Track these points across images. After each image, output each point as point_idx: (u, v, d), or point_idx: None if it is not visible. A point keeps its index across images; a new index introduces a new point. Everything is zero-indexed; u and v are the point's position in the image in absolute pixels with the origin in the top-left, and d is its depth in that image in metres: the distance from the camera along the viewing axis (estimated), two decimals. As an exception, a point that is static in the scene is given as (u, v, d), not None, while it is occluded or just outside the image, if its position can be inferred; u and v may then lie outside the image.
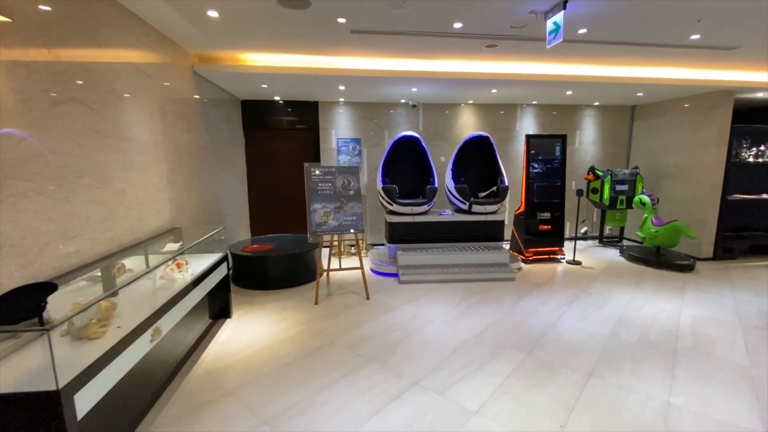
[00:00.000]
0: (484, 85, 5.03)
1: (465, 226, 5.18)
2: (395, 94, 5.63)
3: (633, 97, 5.98)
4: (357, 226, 4.25)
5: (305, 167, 4.22)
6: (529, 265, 5.54)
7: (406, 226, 5.08)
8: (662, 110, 6.37)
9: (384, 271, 4.98)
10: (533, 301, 4.12)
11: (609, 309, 3.92)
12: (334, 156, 6.28)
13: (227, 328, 3.52)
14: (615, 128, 7.00)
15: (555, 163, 5.66)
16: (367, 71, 4.44)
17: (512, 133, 6.71)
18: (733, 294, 4.34)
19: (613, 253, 6.18)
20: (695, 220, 5.79)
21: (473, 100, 6.20)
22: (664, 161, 6.36)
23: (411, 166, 5.59)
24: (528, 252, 5.61)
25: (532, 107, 6.68)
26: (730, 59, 4.44)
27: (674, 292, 4.42)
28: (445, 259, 4.91)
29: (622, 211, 6.44)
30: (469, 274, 4.75)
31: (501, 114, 6.62)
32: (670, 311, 3.86)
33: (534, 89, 5.32)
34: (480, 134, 5.43)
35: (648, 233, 5.60)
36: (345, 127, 6.25)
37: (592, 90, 5.41)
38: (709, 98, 5.54)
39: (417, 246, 5.11)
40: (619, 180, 6.22)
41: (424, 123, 6.44)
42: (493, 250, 5.02)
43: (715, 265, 5.52)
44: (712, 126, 5.55)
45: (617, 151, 7.10)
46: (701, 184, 5.73)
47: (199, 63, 4.30)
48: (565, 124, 6.81)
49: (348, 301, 4.14)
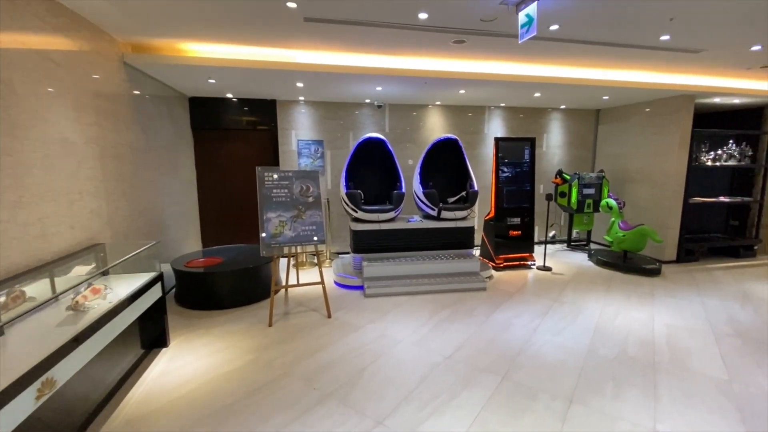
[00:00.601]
0: (452, 85, 4.79)
1: (434, 234, 4.90)
2: (359, 93, 5.29)
3: (599, 100, 5.96)
4: (317, 236, 3.85)
5: (257, 171, 3.78)
6: (500, 272, 5.35)
7: (372, 234, 4.73)
8: (626, 114, 6.41)
9: (348, 283, 4.60)
10: (507, 314, 3.88)
11: (583, 320, 3.75)
12: (294, 158, 5.83)
13: (162, 360, 3.02)
14: (581, 132, 7.00)
15: (524, 166, 5.51)
16: (327, 66, 4.07)
17: (480, 136, 6.54)
18: (701, 299, 4.31)
19: (581, 258, 6.12)
20: (659, 224, 5.83)
21: (441, 101, 5.96)
22: (628, 165, 6.40)
23: (377, 169, 5.26)
24: (498, 259, 5.42)
25: (500, 110, 6.54)
26: (693, 63, 4.43)
27: (645, 298, 4.34)
28: (413, 270, 4.60)
29: (589, 215, 6.42)
30: (439, 285, 4.46)
31: (469, 116, 6.43)
32: (643, 320, 3.74)
33: (503, 90, 5.14)
34: (448, 137, 5.19)
35: (615, 237, 5.57)
36: (306, 128, 5.83)
37: (560, 92, 5.31)
38: (671, 103, 5.59)
39: (384, 255, 4.78)
40: (586, 184, 6.18)
41: (391, 124, 6.13)
42: (463, 258, 4.77)
43: (678, 268, 5.56)
44: (674, 130, 5.60)
45: (583, 155, 7.11)
46: (664, 188, 5.78)
47: (132, 52, 3.76)
48: (532, 127, 6.73)
49: (307, 320, 3.73)
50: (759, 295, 4.43)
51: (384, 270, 4.54)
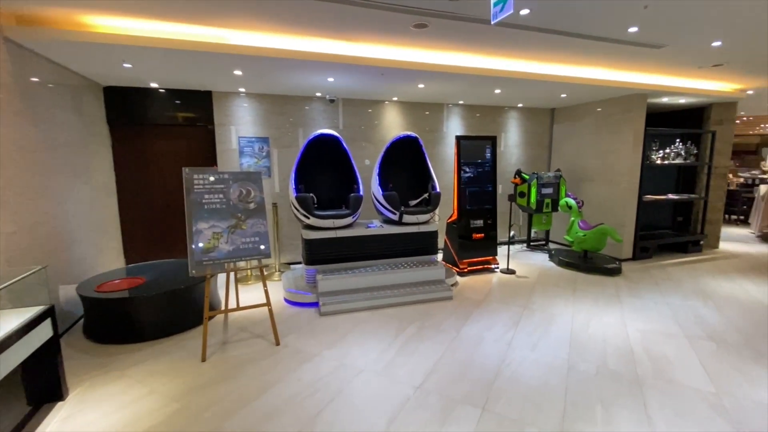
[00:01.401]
0: (411, 77, 4.40)
1: (396, 240, 4.48)
2: (309, 85, 4.74)
3: (557, 98, 5.88)
4: (260, 249, 3.27)
5: (184, 174, 3.13)
6: (465, 277, 5.05)
7: (327, 243, 4.21)
8: (580, 114, 6.41)
9: (301, 300, 4.05)
10: (477, 326, 3.55)
11: (557, 329, 3.51)
12: (235, 158, 5.15)
13: (55, 420, 2.31)
14: (537, 131, 6.95)
15: (486, 166, 5.27)
16: (269, 50, 3.50)
17: (440, 135, 6.24)
18: (664, 299, 4.27)
19: (542, 258, 6.01)
20: (615, 222, 5.85)
21: (398, 96, 5.57)
22: (583, 164, 6.41)
23: (331, 170, 4.74)
24: (462, 264, 5.12)
25: (458, 108, 6.28)
26: (650, 60, 4.39)
27: (611, 300, 4.22)
28: (374, 281, 4.15)
29: (548, 215, 6.34)
30: (402, 297, 4.05)
31: (427, 114, 6.10)
32: (616, 326, 3.57)
33: (463, 85, 4.84)
34: (408, 134, 4.80)
35: (576, 237, 5.49)
36: (248, 124, 5.17)
37: (520, 88, 5.12)
38: (625, 101, 5.62)
39: (341, 266, 4.27)
40: (544, 183, 6.08)
41: (345, 121, 5.64)
42: (427, 265, 4.39)
43: (636, 265, 5.60)
44: (627, 129, 5.63)
45: (540, 154, 7.06)
46: (619, 186, 5.81)
47: (16, 25, 2.96)
48: (490, 126, 6.55)
49: (250, 350, 3.14)
50: (716, 291, 4.49)
51: (341, 283, 4.04)
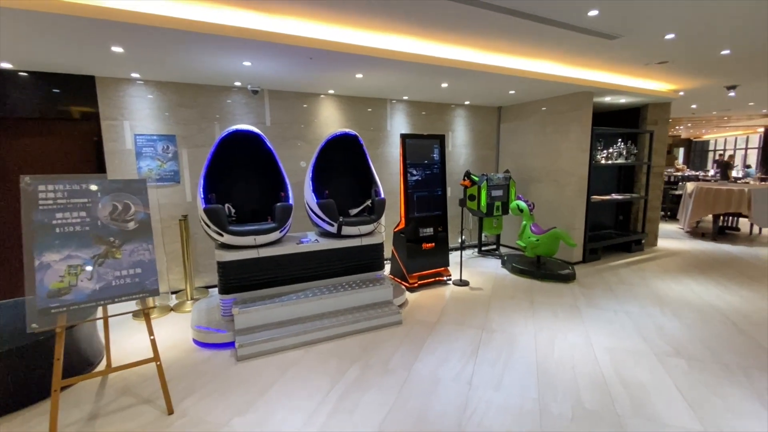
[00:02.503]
0: (347, 64, 3.74)
1: (334, 256, 3.79)
2: (222, 71, 3.89)
3: (504, 95, 5.55)
4: (144, 285, 2.41)
5: (22, 185, 2.19)
6: (416, 293, 4.50)
7: (248, 265, 3.41)
8: (527, 112, 6.18)
9: (214, 340, 3.21)
10: (432, 360, 2.98)
11: (520, 357, 3.04)
12: (130, 160, 4.14)
13: None
14: (485, 130, 6.63)
15: (434, 168, 4.76)
16: (156, 18, 2.64)
17: (383, 134, 5.65)
18: (622, 307, 4.02)
19: (495, 265, 5.66)
20: (565, 225, 5.66)
21: (336, 89, 4.87)
22: (531, 164, 6.18)
23: (253, 175, 3.92)
24: (412, 277, 4.56)
25: (402, 104, 5.74)
26: (597, 55, 4.14)
27: (571, 312, 3.88)
28: (308, 309, 3.43)
29: (499, 218, 6.03)
30: (343, 326, 3.37)
31: (369, 111, 5.48)
32: (582, 347, 3.19)
33: (407, 76, 4.28)
34: (346, 132, 4.12)
35: (529, 242, 5.18)
36: (148, 119, 4.18)
37: (467, 82, 4.67)
38: (572, 100, 5.43)
39: (266, 293, 3.49)
40: (494, 185, 5.74)
41: (274, 116, 4.83)
42: (373, 284, 3.76)
43: (587, 269, 5.43)
44: (575, 128, 5.45)
45: (487, 154, 6.75)
46: (568, 187, 5.62)
47: None
48: (436, 125, 6.09)
49: (131, 426, 2.28)
50: (668, 295, 4.35)
51: (266, 315, 3.26)
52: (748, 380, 2.70)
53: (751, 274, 5.12)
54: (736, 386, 2.64)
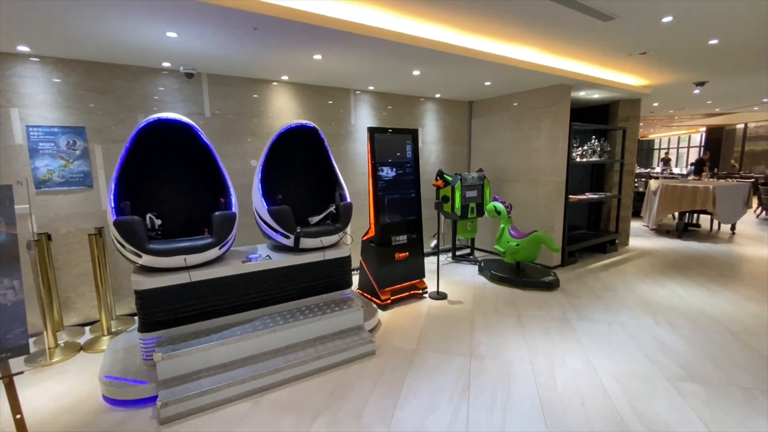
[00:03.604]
0: (302, 39, 3.07)
1: (291, 275, 3.11)
2: (143, 45, 3.08)
3: (479, 87, 5.09)
4: (3, 340, 1.63)
5: None
6: (388, 311, 3.91)
7: (177, 293, 2.66)
8: (500, 107, 5.78)
9: (129, 396, 2.43)
10: (415, 406, 2.40)
11: (520, 392, 2.54)
12: (22, 159, 3.21)
13: None
14: (455, 126, 6.17)
15: (407, 167, 4.19)
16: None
17: (348, 128, 5.01)
18: (614, 318, 3.67)
19: (471, 272, 5.19)
20: (544, 226, 5.31)
21: (290, 74, 4.17)
22: (505, 162, 5.79)
23: (184, 177, 3.14)
24: (384, 293, 3.97)
25: (367, 95, 5.12)
26: (585, 43, 3.76)
27: (564, 328, 3.46)
28: (257, 346, 2.73)
29: (473, 221, 5.58)
30: (303, 365, 2.71)
31: (330, 104, 4.82)
32: (585, 374, 2.75)
33: (374, 59, 3.68)
34: (302, 124, 3.44)
35: (508, 247, 4.76)
36: (45, 106, 3.27)
37: (442, 70, 4.15)
38: (550, 94, 5.08)
39: (202, 327, 2.75)
40: (468, 185, 5.29)
41: (215, 106, 4.04)
42: (339, 307, 3.12)
43: (567, 273, 5.10)
44: (553, 124, 5.10)
45: (459, 152, 6.30)
46: (546, 187, 5.28)
47: None
48: (405, 119, 5.54)
49: None
50: (656, 302, 4.07)
51: (201, 358, 2.53)
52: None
53: (727, 273, 5.01)
54: (763, 415, 2.29)
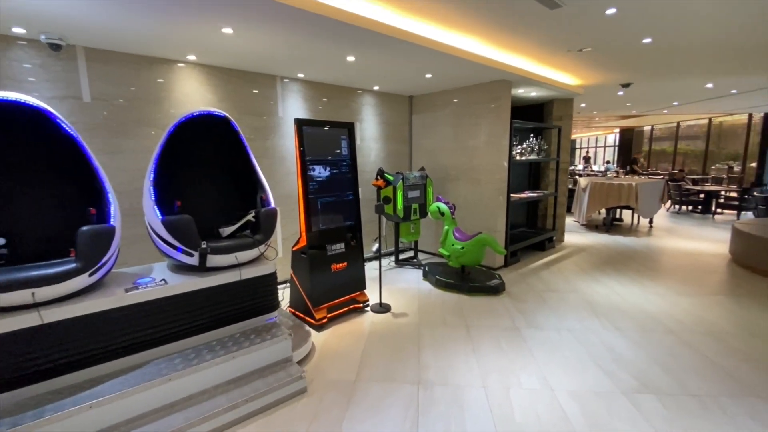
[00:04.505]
0: (203, 9, 2.44)
1: (196, 303, 2.47)
2: (-31, 0, 2.23)
3: (420, 80, 4.74)
4: None
5: None
6: (325, 332, 3.40)
7: (23, 340, 1.91)
8: (442, 102, 5.51)
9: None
10: (354, 462, 1.94)
11: (475, 426, 2.20)
12: None
13: None
14: (396, 122, 5.80)
15: (343, 165, 3.70)
16: None
17: (274, 121, 4.38)
18: (563, 324, 3.52)
19: (415, 277, 4.86)
20: (487, 227, 5.14)
21: (198, 53, 3.46)
22: (446, 161, 5.55)
23: (37, 181, 2.33)
24: (319, 311, 3.45)
25: (297, 84, 4.53)
26: (526, 35, 3.56)
27: (515, 340, 3.22)
28: (146, 401, 2.07)
29: (416, 223, 5.26)
30: (212, 419, 2.11)
31: (255, 93, 4.16)
32: (543, 396, 2.49)
33: (297, 39, 3.13)
34: (209, 112, 2.79)
35: (453, 251, 4.49)
36: None
37: (379, 56, 3.72)
38: (492, 89, 4.89)
39: (63, 384, 2.03)
40: (410, 185, 4.94)
41: (98, 90, 3.20)
42: (262, 338, 2.55)
43: (510, 274, 4.97)
44: (495, 121, 4.93)
45: (400, 150, 5.95)
46: (489, 186, 5.10)
47: None
48: (341, 113, 5.04)
49: None
50: (598, 302, 4.03)
51: (61, 431, 1.83)
52: (724, 413, 2.28)
53: (654, 267, 5.23)
54: (716, 425, 2.17)
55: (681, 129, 14.83)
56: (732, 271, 5.01)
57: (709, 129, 13.28)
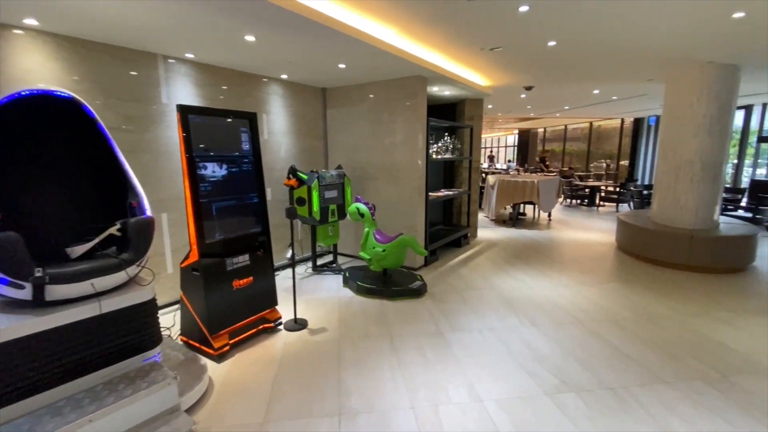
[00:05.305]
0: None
1: (33, 352, 1.78)
2: None
3: (332, 70, 4.37)
4: None
5: None
6: (226, 362, 2.86)
7: None
8: (357, 96, 5.21)
9: None
10: None
11: (407, 461, 1.94)
12: None
13: None
14: (309, 115, 5.34)
15: (244, 163, 3.16)
16: None
17: (155, 109, 3.62)
18: (484, 324, 3.48)
19: (335, 285, 4.50)
20: (407, 227, 5.00)
21: (39, 17, 2.63)
22: (364, 159, 5.28)
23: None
24: (219, 339, 2.89)
25: (187, 67, 3.83)
26: (444, 30, 3.43)
27: (440, 347, 3.07)
28: None
29: (335, 225, 4.90)
30: None
31: (128, 74, 3.37)
32: (473, 409, 2.34)
33: (180, 6, 2.54)
34: (49, 92, 2.07)
35: (374, 254, 4.24)
36: None
37: (281, 41, 3.27)
38: (407, 85, 4.73)
39: None
40: (327, 185, 4.57)
41: None
42: (135, 388, 1.96)
43: (430, 273, 4.89)
44: (412, 118, 4.78)
45: (314, 146, 5.51)
46: (408, 185, 4.96)
47: None
48: (245, 102, 4.44)
49: None
50: (513, 296, 4.12)
51: None
52: (639, 405, 2.36)
53: (557, 258, 5.62)
54: (635, 418, 2.24)
55: (568, 131, 16.76)
56: (619, 258, 5.61)
57: (590, 132, 15.19)
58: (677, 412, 2.29)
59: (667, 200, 5.33)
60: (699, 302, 3.94)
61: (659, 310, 3.76)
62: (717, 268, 4.85)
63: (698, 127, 4.94)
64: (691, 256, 4.88)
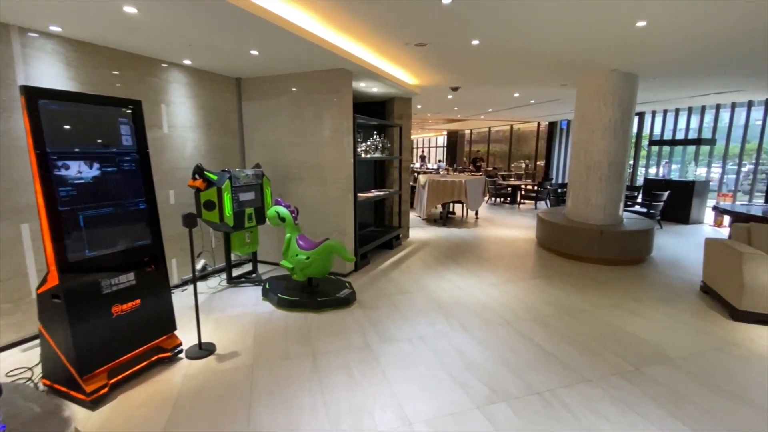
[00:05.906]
0: None
1: None
2: None
3: (244, 57, 3.90)
4: None
5: None
6: (104, 407, 2.30)
7: None
8: (277, 89, 4.76)
9: None
10: None
11: None
12: None
13: None
14: (221, 108, 4.76)
15: (125, 161, 2.60)
16: None
17: (8, 95, 2.87)
18: (414, 331, 3.31)
19: (254, 298, 4.04)
20: (335, 230, 4.69)
21: None
22: (286, 157, 4.86)
23: None
24: (92, 381, 2.32)
25: (56, 44, 3.11)
26: (368, 18, 3.18)
27: (368, 363, 2.81)
28: None
29: (253, 231, 4.41)
30: None
31: (-42, 39, 2.60)
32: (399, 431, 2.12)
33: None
34: None
35: (297, 262, 3.86)
36: None
37: (172, 17, 2.76)
38: (331, 79, 4.41)
39: None
40: (241, 186, 4.08)
41: None
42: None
43: (361, 278, 4.64)
44: (337, 114, 4.48)
45: (228, 143, 4.93)
46: (334, 186, 4.65)
47: None
48: (137, 89, 3.77)
49: None
50: (443, 299, 4.02)
51: None
52: (564, 408, 2.32)
53: (485, 256, 5.71)
54: (562, 423, 2.18)
55: (491, 133, 17.69)
56: (539, 254, 5.86)
57: (511, 134, 16.16)
58: (600, 412, 2.29)
59: (580, 198, 5.68)
60: (611, 295, 4.18)
61: (577, 303, 3.91)
62: (623, 261, 5.26)
63: (605, 130, 5.31)
64: (602, 250, 5.24)
